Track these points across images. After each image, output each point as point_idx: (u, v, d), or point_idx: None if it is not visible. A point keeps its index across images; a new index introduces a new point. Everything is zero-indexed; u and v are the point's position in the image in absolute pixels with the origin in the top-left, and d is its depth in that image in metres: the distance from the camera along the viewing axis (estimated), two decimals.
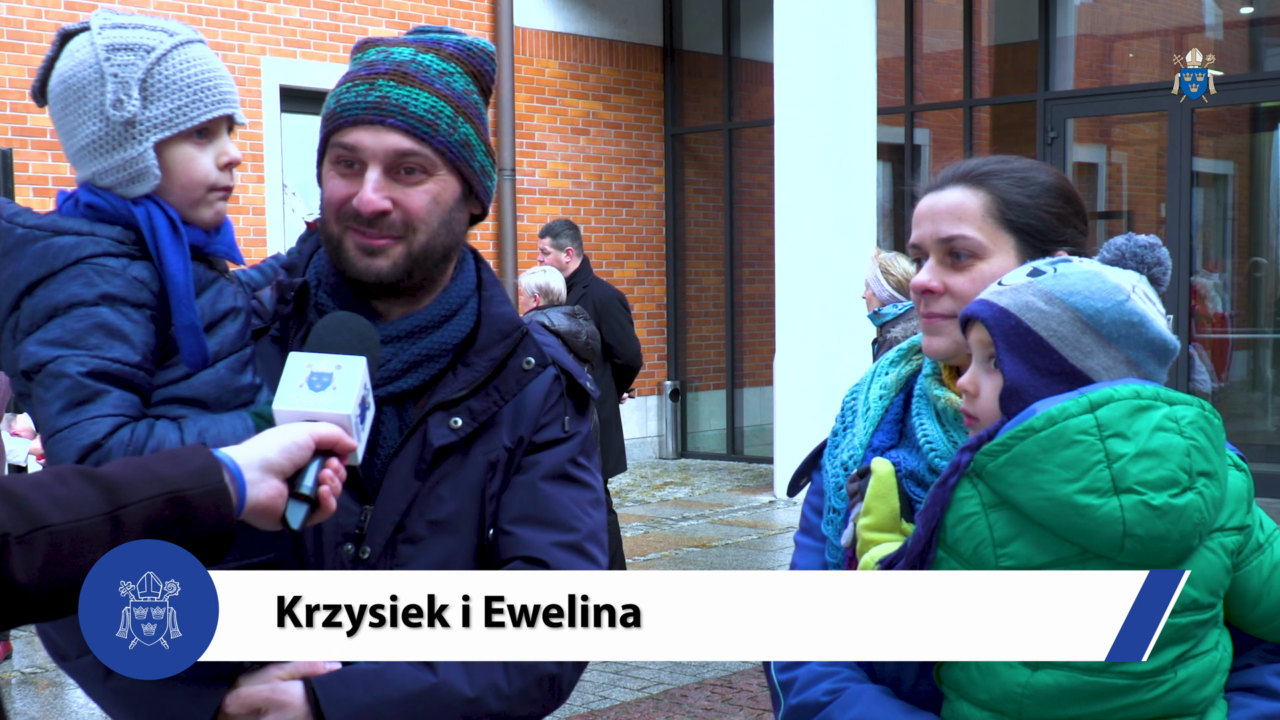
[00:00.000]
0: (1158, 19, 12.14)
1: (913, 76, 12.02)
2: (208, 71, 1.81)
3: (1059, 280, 1.71)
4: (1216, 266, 11.88)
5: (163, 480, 1.47)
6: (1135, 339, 1.70)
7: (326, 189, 1.89)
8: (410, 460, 1.89)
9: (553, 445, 1.97)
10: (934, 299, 1.87)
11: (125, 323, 1.72)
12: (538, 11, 12.17)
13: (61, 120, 1.82)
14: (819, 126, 10.13)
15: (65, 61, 1.81)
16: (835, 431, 2.02)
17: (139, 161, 1.78)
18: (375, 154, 1.84)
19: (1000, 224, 1.86)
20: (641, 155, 13.08)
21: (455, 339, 1.95)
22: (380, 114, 1.84)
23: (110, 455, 1.65)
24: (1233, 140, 12.36)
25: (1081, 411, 1.61)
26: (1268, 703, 1.78)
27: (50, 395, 1.68)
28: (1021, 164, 1.92)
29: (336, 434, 1.63)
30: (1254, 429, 11.69)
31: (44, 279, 1.72)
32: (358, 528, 1.88)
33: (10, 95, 9.16)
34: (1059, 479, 1.60)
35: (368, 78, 1.87)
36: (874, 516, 1.79)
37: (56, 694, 6.20)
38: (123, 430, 1.67)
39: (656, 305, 13.21)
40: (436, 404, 1.90)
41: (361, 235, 1.86)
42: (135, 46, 1.78)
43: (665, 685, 6.16)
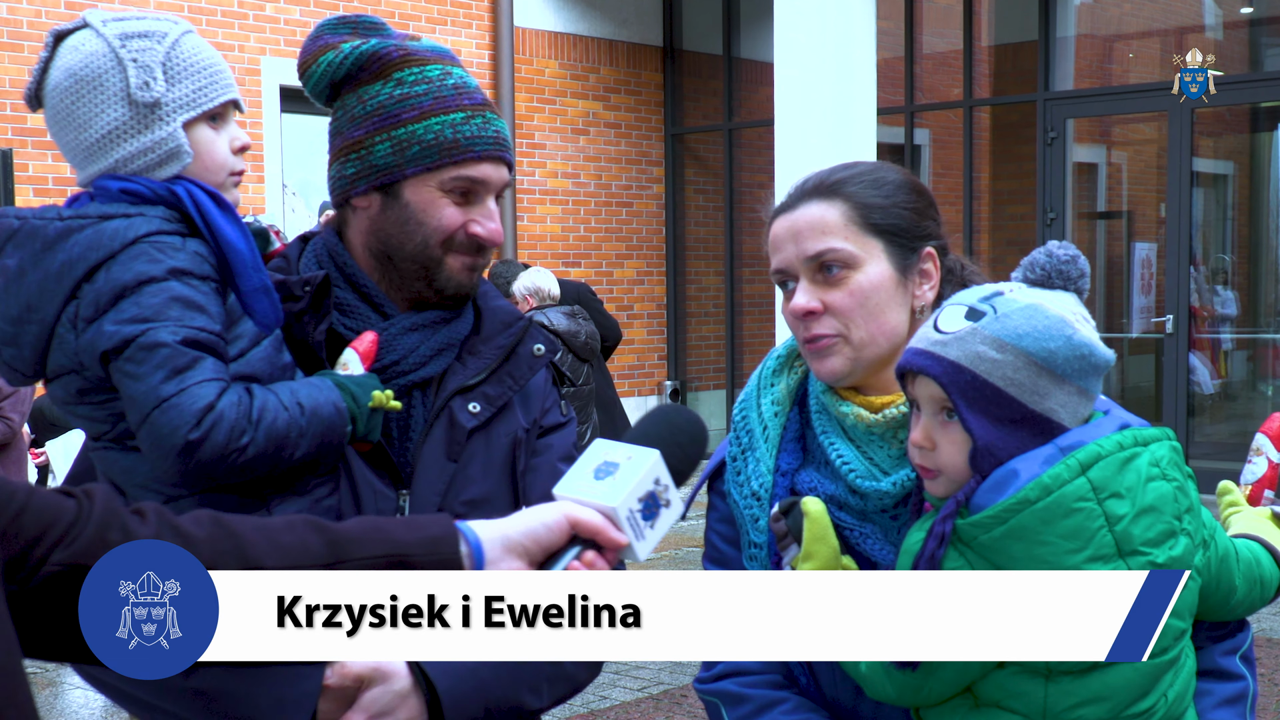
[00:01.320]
0: (1158, 19, 12.14)
1: (913, 76, 12.02)
2: (214, 57, 1.86)
3: (1004, 323, 1.65)
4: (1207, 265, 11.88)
5: (392, 543, 1.44)
6: (1085, 370, 1.67)
7: (439, 215, 1.95)
8: (441, 443, 1.95)
9: (558, 429, 2.08)
10: (815, 320, 1.81)
11: (198, 294, 1.73)
12: (538, 11, 12.16)
13: (70, 115, 1.80)
14: (819, 126, 10.12)
15: (69, 57, 1.79)
16: (733, 455, 1.93)
17: (169, 141, 1.79)
18: (494, 186, 1.98)
19: (864, 229, 1.81)
20: (641, 155, 13.08)
21: (464, 331, 2.04)
22: (500, 149, 1.97)
23: (225, 416, 1.66)
24: (1233, 140, 12.36)
25: (1074, 476, 1.59)
26: (1225, 685, 1.81)
27: (147, 367, 1.67)
28: (867, 166, 1.88)
29: (597, 523, 1.51)
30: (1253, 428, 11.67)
31: (103, 262, 1.71)
32: (396, 512, 1.91)
33: (10, 95, 9.15)
34: (1063, 550, 1.57)
35: (475, 109, 1.97)
36: (816, 560, 1.74)
37: (56, 694, 6.20)
38: (230, 393, 1.68)
39: (656, 305, 13.20)
40: (456, 389, 1.98)
41: (469, 258, 1.98)
42: (149, 33, 1.80)
43: (665, 685, 6.16)
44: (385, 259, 1.98)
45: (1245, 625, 1.87)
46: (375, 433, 1.85)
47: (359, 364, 1.88)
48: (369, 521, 1.49)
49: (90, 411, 1.78)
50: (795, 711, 1.85)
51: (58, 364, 1.75)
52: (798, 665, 1.88)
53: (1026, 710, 1.64)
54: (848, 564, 1.78)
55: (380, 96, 1.95)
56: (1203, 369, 11.00)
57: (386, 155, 1.93)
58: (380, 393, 1.83)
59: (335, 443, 1.79)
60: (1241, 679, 1.82)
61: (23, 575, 1.26)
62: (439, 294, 1.99)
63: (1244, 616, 1.85)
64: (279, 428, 1.71)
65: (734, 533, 1.92)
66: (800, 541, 1.76)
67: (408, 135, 1.93)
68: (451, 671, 1.78)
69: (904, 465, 1.80)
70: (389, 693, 1.74)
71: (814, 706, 1.86)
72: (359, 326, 1.97)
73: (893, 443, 1.81)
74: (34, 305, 1.73)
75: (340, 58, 1.96)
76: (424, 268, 1.97)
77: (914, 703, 1.70)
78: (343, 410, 1.78)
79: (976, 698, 1.69)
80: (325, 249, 2.02)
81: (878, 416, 1.81)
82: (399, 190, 1.94)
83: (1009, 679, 1.65)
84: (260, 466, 1.72)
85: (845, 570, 1.77)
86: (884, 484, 1.79)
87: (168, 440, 1.66)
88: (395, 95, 1.94)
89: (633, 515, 1.55)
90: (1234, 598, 1.78)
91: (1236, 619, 1.84)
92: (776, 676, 1.89)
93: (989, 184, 12.45)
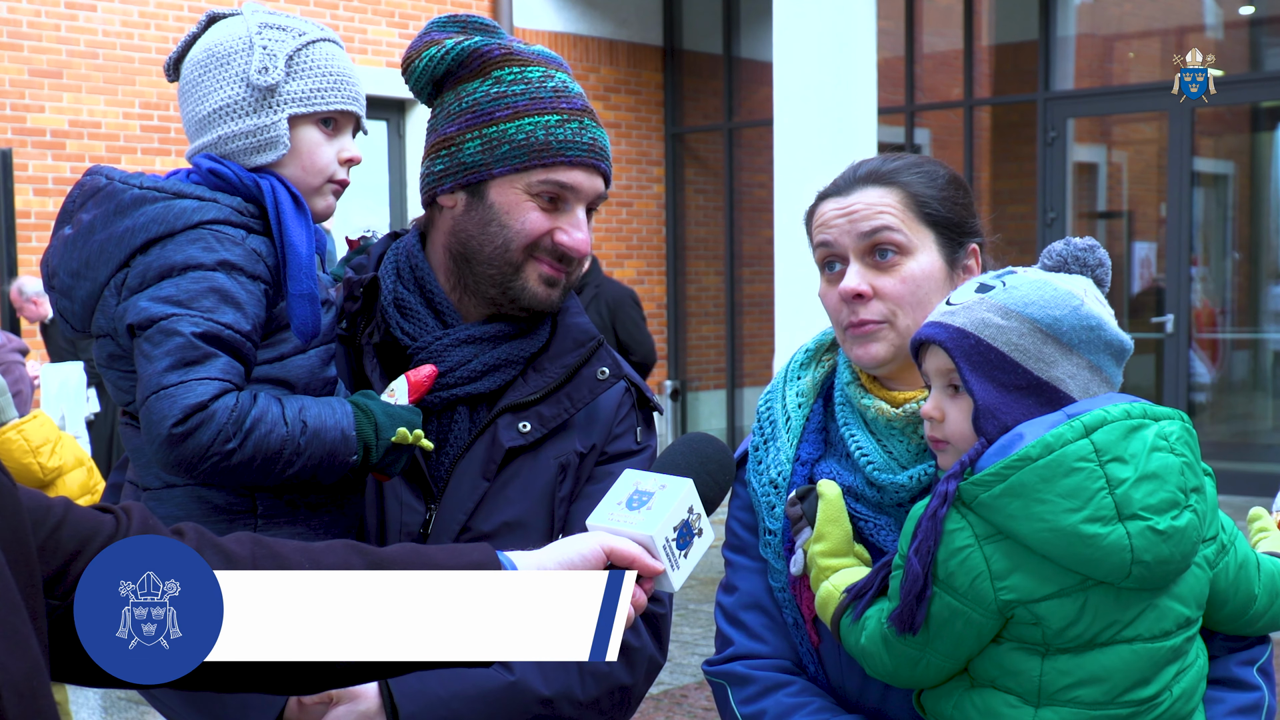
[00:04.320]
0: (1158, 19, 12.13)
1: (913, 76, 12.01)
2: (347, 69, 1.88)
3: (1011, 293, 1.68)
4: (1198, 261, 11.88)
5: (432, 565, 1.43)
6: (1095, 343, 1.68)
7: (523, 219, 1.89)
8: (478, 461, 1.90)
9: (626, 456, 1.99)
10: (863, 304, 1.81)
11: (240, 291, 1.73)
12: (538, 11, 12.16)
13: (195, 86, 1.85)
14: (819, 126, 10.11)
15: (214, 34, 1.86)
16: (755, 445, 1.94)
17: (271, 129, 1.81)
18: (585, 195, 1.92)
19: (919, 219, 1.82)
20: (641, 155, 13.07)
21: (533, 348, 1.97)
22: (595, 157, 1.92)
23: (214, 418, 1.65)
24: (1233, 140, 12.35)
25: (1077, 437, 1.59)
26: (1239, 694, 1.79)
27: (159, 351, 1.68)
28: (915, 158, 1.89)
29: (633, 553, 1.52)
30: (1254, 429, 11.69)
31: (161, 238, 1.73)
32: (422, 527, 1.89)
33: (10, 95, 9.15)
34: (1062, 509, 1.57)
35: (572, 113, 1.91)
36: (828, 542, 1.76)
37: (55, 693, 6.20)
38: (228, 396, 1.68)
39: (656, 305, 13.20)
40: (506, 406, 1.92)
41: (551, 268, 1.92)
42: (288, 28, 1.84)
43: (665, 685, 6.16)
44: (464, 261, 1.93)
45: (1266, 639, 1.85)
46: (396, 467, 1.80)
47: (406, 394, 1.83)
48: (411, 548, 1.49)
49: (117, 379, 1.80)
50: (801, 694, 1.85)
51: (99, 325, 1.78)
52: (805, 652, 1.88)
53: (1022, 690, 1.64)
54: (860, 553, 1.79)
55: (477, 94, 1.91)
56: (1199, 365, 11.00)
57: (475, 153, 1.90)
58: (409, 430, 1.78)
59: (336, 467, 1.75)
60: (1257, 690, 1.80)
61: (62, 590, 1.25)
62: (515, 304, 1.93)
63: (1266, 632, 1.82)
64: (271, 441, 1.69)
65: (753, 520, 1.94)
66: (814, 525, 1.77)
67: (498, 134, 1.89)
68: (419, 698, 1.76)
69: (922, 460, 1.81)
70: (354, 712, 1.75)
71: (820, 691, 1.86)
72: (417, 332, 1.94)
73: (912, 437, 1.83)
74: (92, 263, 1.76)
75: (442, 52, 1.93)
76: (501, 273, 1.91)
77: (911, 677, 1.71)
78: (350, 438, 1.74)
79: (973, 678, 1.69)
80: (404, 249, 1.99)
81: (899, 411, 1.83)
82: (485, 190, 1.90)
83: (1006, 655, 1.65)
84: (248, 475, 1.70)
85: (856, 557, 1.79)
86: (901, 478, 1.80)
87: (155, 428, 1.66)
88: (492, 93, 1.90)
89: (668, 544, 1.56)
90: (1254, 607, 1.76)
91: (1259, 633, 1.82)
92: (785, 661, 1.89)
93: (989, 184, 12.44)
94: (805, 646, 1.88)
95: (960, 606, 1.62)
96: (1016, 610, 1.61)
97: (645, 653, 1.94)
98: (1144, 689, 1.64)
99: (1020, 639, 1.64)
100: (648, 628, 1.95)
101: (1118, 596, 1.61)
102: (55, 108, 9.34)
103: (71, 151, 9.41)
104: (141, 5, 9.67)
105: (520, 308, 1.93)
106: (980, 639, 1.65)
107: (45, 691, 1.15)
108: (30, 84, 9.24)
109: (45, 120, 9.33)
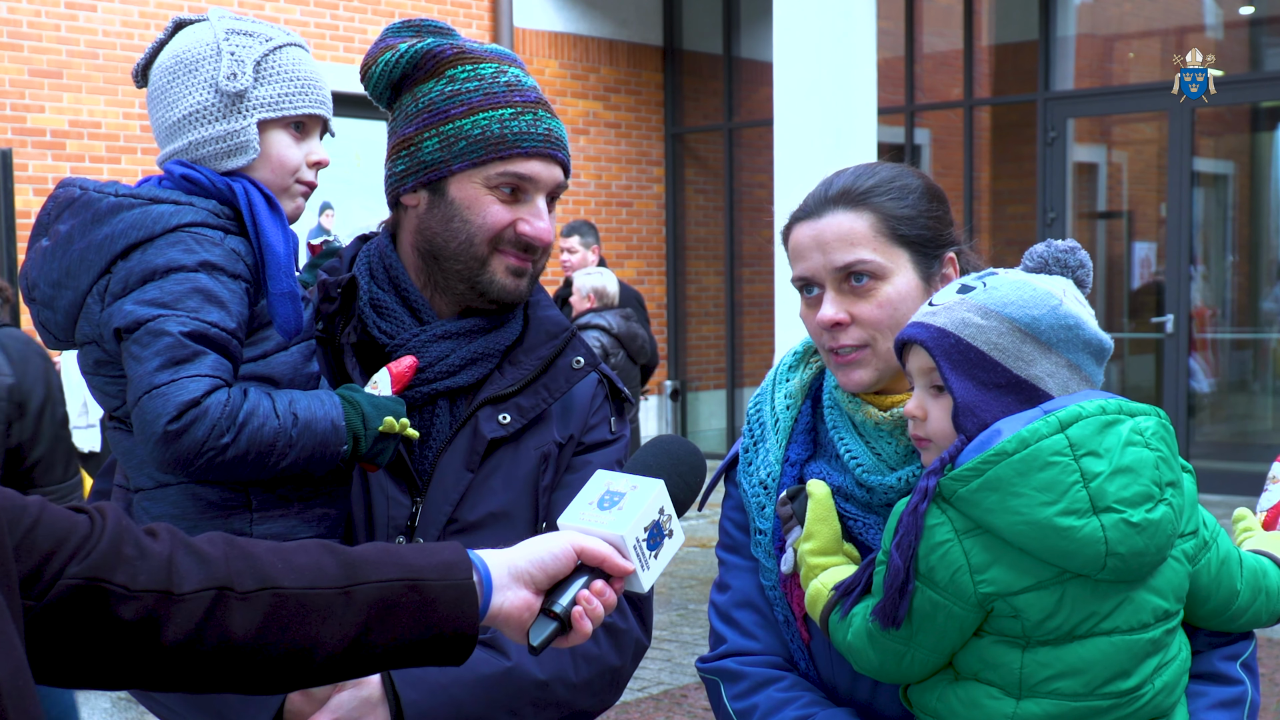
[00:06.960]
0: (1158, 19, 12.13)
1: (913, 76, 12.02)
2: (314, 73, 1.90)
3: (991, 294, 1.70)
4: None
5: (406, 567, 1.45)
6: (1073, 342, 1.70)
7: (484, 212, 1.93)
8: (461, 453, 1.94)
9: (602, 446, 2.04)
10: (842, 331, 1.82)
11: (223, 290, 1.75)
12: (538, 11, 12.16)
13: (164, 93, 1.87)
14: (819, 126, 10.11)
15: (181, 40, 1.87)
16: (745, 447, 1.97)
17: (241, 134, 1.83)
18: (543, 185, 1.95)
19: (892, 240, 1.83)
20: (641, 155, 13.08)
21: (507, 340, 2.01)
22: (552, 147, 1.96)
23: (208, 414, 1.67)
24: (1233, 140, 12.35)
25: (1052, 432, 1.61)
26: (1222, 689, 1.80)
27: (148, 352, 1.69)
28: (889, 172, 1.89)
29: (604, 552, 1.54)
30: (1253, 429, 11.69)
31: (141, 243, 1.75)
32: (409, 520, 1.92)
33: (10, 95, 9.16)
34: (1037, 502, 1.59)
35: (526, 106, 1.95)
36: (817, 541, 1.79)
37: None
38: (219, 392, 1.69)
39: (656, 305, 13.20)
40: (485, 399, 1.95)
41: (516, 259, 1.95)
42: (254, 34, 1.86)
43: (665, 685, 6.16)
44: (431, 258, 1.97)
45: (1250, 634, 1.86)
46: (384, 457, 1.82)
47: (389, 385, 1.87)
48: (382, 546, 1.50)
49: (104, 385, 1.82)
50: (791, 689, 1.87)
51: (83, 333, 1.80)
52: (796, 649, 1.90)
53: (1003, 682, 1.66)
54: (849, 551, 1.82)
55: (432, 94, 1.95)
56: (1198, 369, 11.00)
57: (434, 151, 1.93)
58: (395, 419, 1.81)
59: (327, 458, 1.78)
60: (1240, 684, 1.81)
61: (39, 589, 1.25)
62: (483, 298, 1.96)
63: (1250, 629, 1.84)
64: (264, 435, 1.71)
65: (746, 520, 1.96)
66: (804, 524, 1.80)
67: (455, 130, 1.92)
68: (420, 685, 1.79)
69: (910, 461, 1.83)
70: (357, 698, 1.77)
71: (810, 687, 1.88)
72: (394, 330, 1.97)
73: (901, 439, 1.84)
74: (73, 272, 1.77)
75: (396, 56, 1.97)
76: (468, 267, 1.94)
77: (897, 672, 1.73)
78: (340, 428, 1.77)
79: (956, 671, 1.72)
80: (376, 250, 2.03)
81: (887, 414, 1.85)
82: (445, 187, 1.94)
83: (987, 648, 1.67)
84: (242, 469, 1.72)
85: (845, 555, 1.81)
86: (889, 479, 1.82)
87: (150, 427, 1.68)
88: (446, 92, 1.94)
89: (639, 544, 1.57)
90: (1236, 602, 1.78)
91: (1242, 629, 1.83)
92: (777, 658, 1.91)
93: (989, 184, 12.45)
94: (796, 643, 1.90)
95: (941, 600, 1.64)
96: (996, 603, 1.63)
97: (631, 635, 1.99)
98: (1124, 681, 1.65)
99: (1001, 632, 1.66)
100: (633, 610, 1.99)
101: (1095, 589, 1.63)
102: (55, 108, 9.35)
103: (71, 151, 9.42)
104: (141, 5, 9.68)
105: (490, 300, 1.97)
106: (962, 632, 1.67)
107: (30, 691, 1.15)
108: (30, 84, 9.25)
109: (45, 120, 9.33)
